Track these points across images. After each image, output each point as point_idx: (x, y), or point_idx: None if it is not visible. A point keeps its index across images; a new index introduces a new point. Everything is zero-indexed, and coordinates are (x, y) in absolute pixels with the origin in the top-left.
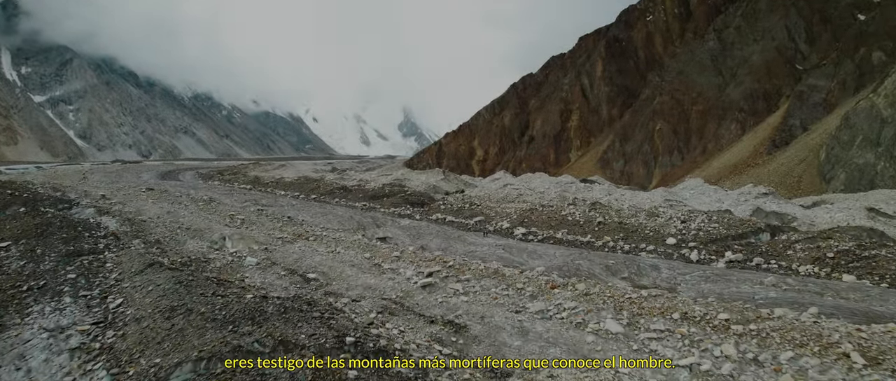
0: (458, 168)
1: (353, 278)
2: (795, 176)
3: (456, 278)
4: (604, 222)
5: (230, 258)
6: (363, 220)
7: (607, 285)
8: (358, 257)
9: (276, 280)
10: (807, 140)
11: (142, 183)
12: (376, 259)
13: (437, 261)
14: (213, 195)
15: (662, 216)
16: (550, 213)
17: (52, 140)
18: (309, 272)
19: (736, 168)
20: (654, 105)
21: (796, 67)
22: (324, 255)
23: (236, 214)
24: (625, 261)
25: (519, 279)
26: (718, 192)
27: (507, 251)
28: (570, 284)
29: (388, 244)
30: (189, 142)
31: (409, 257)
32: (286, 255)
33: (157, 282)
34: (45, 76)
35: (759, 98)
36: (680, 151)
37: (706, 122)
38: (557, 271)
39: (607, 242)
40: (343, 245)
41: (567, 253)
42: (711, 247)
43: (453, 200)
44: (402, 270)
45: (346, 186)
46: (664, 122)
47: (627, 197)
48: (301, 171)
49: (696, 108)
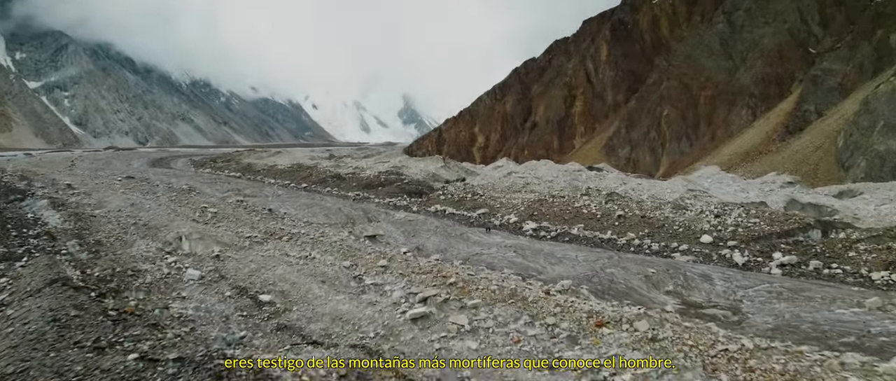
0: (458, 155)
1: (320, 302)
2: (811, 164)
3: (459, 304)
4: (624, 216)
5: (167, 270)
6: (353, 212)
7: (679, 324)
8: (335, 266)
9: (216, 305)
10: (822, 126)
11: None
12: (358, 269)
13: (434, 274)
14: (195, 185)
15: (691, 210)
16: (562, 205)
17: (47, 127)
18: (264, 292)
19: (747, 155)
20: (661, 90)
21: (809, 51)
22: (292, 263)
23: (210, 206)
24: (666, 269)
25: (546, 307)
26: (738, 181)
27: (520, 254)
28: (623, 319)
29: (378, 245)
30: (187, 129)
31: (399, 266)
32: (243, 264)
33: (29, 316)
34: (39, 62)
35: (771, 83)
36: (688, 137)
37: (715, 107)
38: (588, 285)
39: (632, 239)
40: (321, 248)
41: (591, 256)
42: (755, 246)
43: (454, 189)
44: (388, 287)
45: (340, 175)
46: (671, 107)
47: (645, 187)
48: (296, 158)
49: (705, 93)
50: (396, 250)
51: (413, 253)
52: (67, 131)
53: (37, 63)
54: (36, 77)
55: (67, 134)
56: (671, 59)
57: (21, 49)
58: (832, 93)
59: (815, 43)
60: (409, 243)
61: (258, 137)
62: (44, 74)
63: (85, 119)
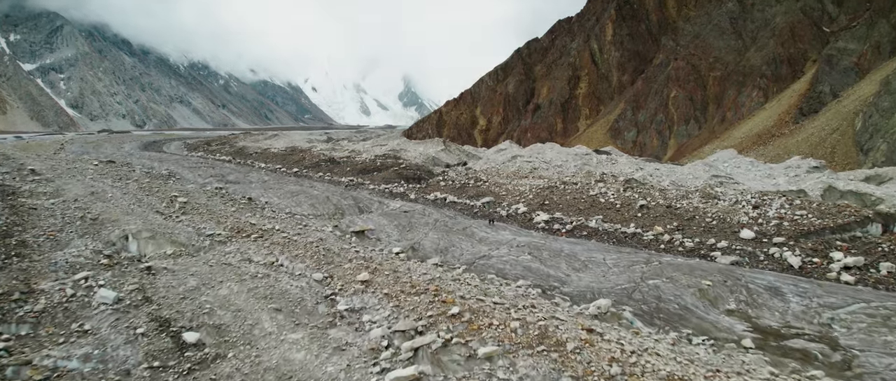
0: (459, 138)
1: (268, 344)
2: (828, 147)
3: (466, 352)
4: (648, 206)
5: (72, 292)
6: (343, 201)
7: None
8: (304, 279)
9: (119, 350)
10: (838, 108)
11: (112, 155)
12: (332, 284)
13: (430, 296)
14: (177, 169)
15: (723, 199)
16: (576, 193)
17: (42, 110)
18: (193, 326)
19: (760, 138)
20: (669, 71)
21: (823, 30)
22: (247, 277)
23: (182, 195)
24: (723, 279)
25: (596, 363)
26: (758, 165)
27: (536, 256)
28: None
29: (366, 244)
30: (185, 111)
31: (385, 280)
32: (182, 278)
33: None
34: (34, 44)
35: (783, 63)
36: (697, 120)
37: (725, 88)
38: (630, 304)
39: (660, 234)
40: (294, 250)
41: (622, 259)
42: (806, 244)
43: (455, 174)
44: (367, 317)
45: (335, 158)
46: (679, 89)
47: (664, 172)
48: (292, 141)
49: (714, 74)
50: (386, 252)
51: (407, 254)
52: (63, 114)
53: (31, 45)
54: (31, 59)
55: (63, 117)
56: (679, 38)
57: (15, 30)
58: (848, 73)
59: (830, 21)
60: (404, 241)
61: (257, 120)
62: (39, 56)
63: (81, 102)
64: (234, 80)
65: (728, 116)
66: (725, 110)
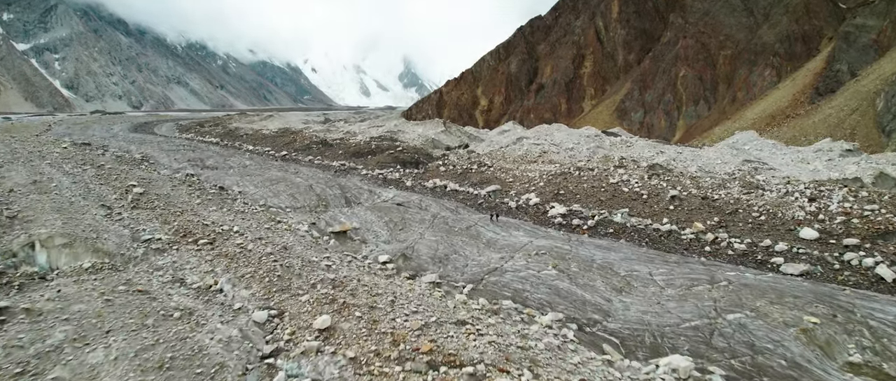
0: (460, 119)
1: None
2: (848, 128)
3: None
4: (680, 198)
5: None
6: (329, 190)
7: None
8: (238, 323)
9: None
10: (857, 87)
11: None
12: (272, 337)
13: (420, 362)
14: (153, 153)
15: (769, 189)
16: (593, 180)
17: (36, 90)
18: None
19: (773, 119)
20: (677, 50)
21: (839, 6)
22: (149, 325)
23: (140, 185)
24: (831, 313)
25: None
26: (781, 147)
27: (563, 271)
28: None
29: (342, 251)
30: (182, 92)
31: (353, 329)
32: (44, 330)
33: None
34: (28, 23)
35: (797, 40)
36: (706, 100)
37: (736, 68)
38: (718, 363)
39: (700, 232)
40: (244, 267)
41: (675, 273)
42: (888, 247)
43: (456, 158)
44: None
45: (327, 140)
46: (688, 68)
47: (688, 157)
48: (288, 122)
49: (725, 52)
50: (370, 262)
51: (396, 265)
52: (58, 95)
53: (25, 24)
54: (24, 39)
55: (58, 98)
56: (687, 16)
57: (8, 9)
58: (867, 51)
59: None
60: (394, 243)
61: (256, 100)
62: (33, 35)
63: (76, 83)
64: (233, 60)
65: (739, 96)
66: (736, 90)
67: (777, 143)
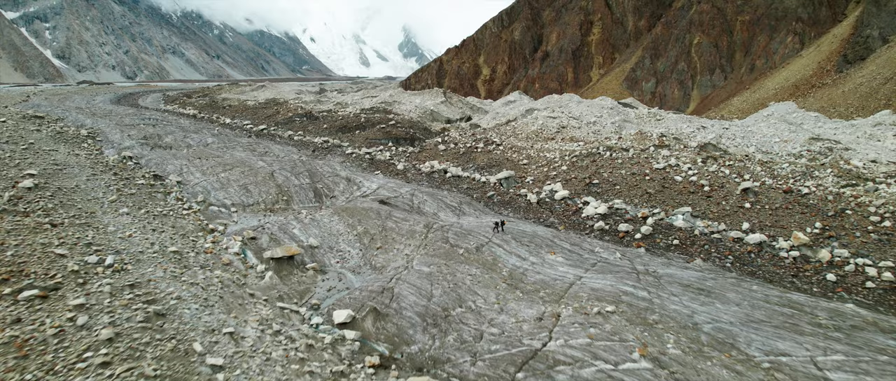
0: (461, 89)
1: None
2: (882, 98)
3: None
4: (755, 191)
5: None
6: (296, 178)
7: None
8: None
9: None
10: (890, 55)
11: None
12: None
13: None
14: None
15: (877, 179)
16: (632, 165)
17: (27, 60)
18: None
19: (797, 89)
20: (691, 15)
21: None
22: None
23: (36, 175)
24: None
25: None
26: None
27: (658, 361)
28: None
29: (282, 291)
30: (178, 63)
31: None
32: None
33: None
34: None
35: (822, 4)
36: (722, 69)
37: (754, 34)
38: None
39: (804, 245)
40: None
41: (855, 357)
42: None
43: (458, 134)
44: None
45: (313, 113)
46: (703, 35)
47: (737, 133)
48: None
49: (742, 18)
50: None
51: (358, 338)
52: (49, 65)
53: None
54: (13, 7)
55: (49, 68)
56: None
57: None
58: None
59: None
60: (365, 275)
61: (253, 71)
62: (22, 3)
63: (68, 52)
64: (230, 30)
65: (758, 64)
66: (755, 59)
67: (820, 115)
